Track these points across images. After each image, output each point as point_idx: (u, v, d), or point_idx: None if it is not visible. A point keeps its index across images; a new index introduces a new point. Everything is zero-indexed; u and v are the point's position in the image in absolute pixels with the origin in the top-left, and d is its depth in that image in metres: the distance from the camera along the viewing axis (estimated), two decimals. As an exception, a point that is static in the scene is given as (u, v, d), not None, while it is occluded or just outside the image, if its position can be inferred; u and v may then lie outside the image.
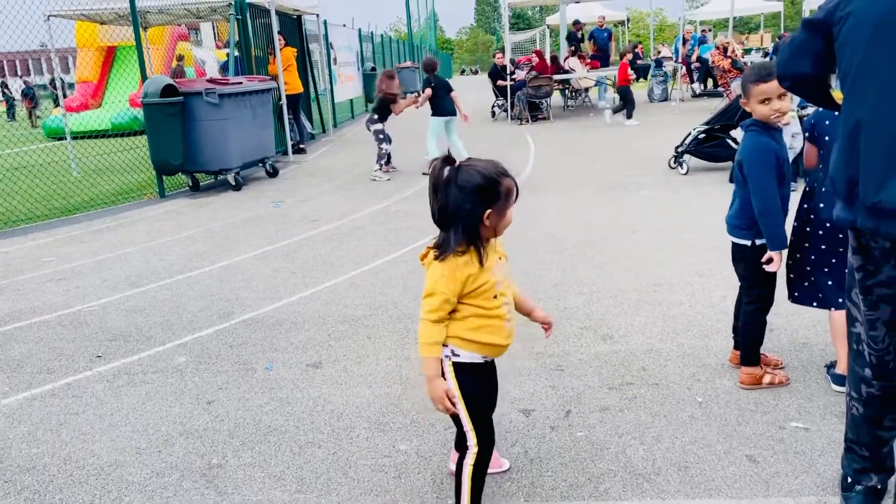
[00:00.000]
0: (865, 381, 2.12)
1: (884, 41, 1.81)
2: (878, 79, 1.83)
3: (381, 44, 23.75)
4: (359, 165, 10.48)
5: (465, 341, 2.09)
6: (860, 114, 1.86)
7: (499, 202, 2.00)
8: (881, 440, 2.16)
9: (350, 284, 4.96)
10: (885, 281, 1.97)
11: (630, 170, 8.61)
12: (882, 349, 2.06)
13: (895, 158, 1.78)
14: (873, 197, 1.83)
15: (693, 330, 3.80)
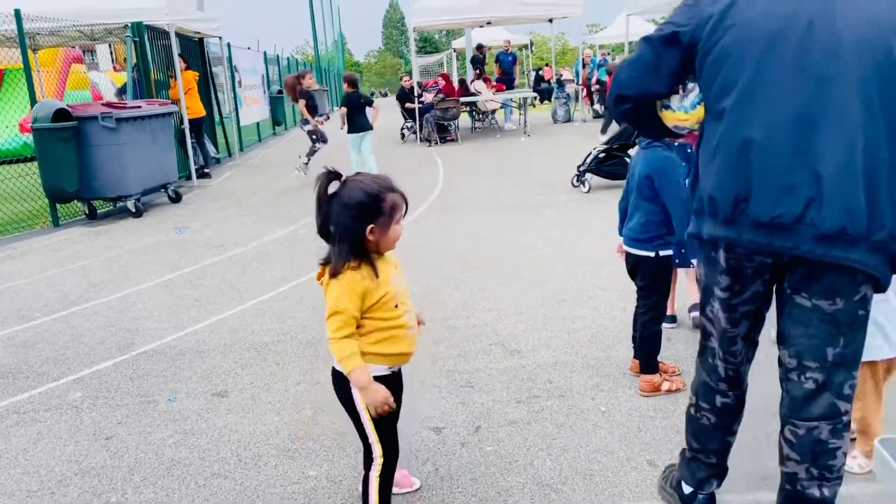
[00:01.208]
0: (720, 393, 2.17)
1: (777, 59, 1.78)
2: (771, 96, 1.79)
3: (288, 66, 23.52)
4: (265, 189, 10.31)
5: (370, 355, 2.10)
6: (750, 131, 1.82)
7: (382, 217, 2.04)
8: (728, 445, 2.24)
9: (257, 310, 4.86)
10: (749, 298, 2.00)
11: (535, 189, 8.85)
12: (739, 362, 2.12)
13: (791, 175, 1.77)
14: (771, 212, 1.80)
15: (596, 342, 3.94)
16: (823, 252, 1.78)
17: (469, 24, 18.12)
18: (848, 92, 1.73)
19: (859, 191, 1.73)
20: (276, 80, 20.41)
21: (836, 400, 1.93)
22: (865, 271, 1.81)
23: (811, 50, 1.75)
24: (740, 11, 1.85)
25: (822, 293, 1.86)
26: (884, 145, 1.74)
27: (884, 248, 1.79)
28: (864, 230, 1.75)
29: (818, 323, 1.89)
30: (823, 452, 1.95)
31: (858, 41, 1.72)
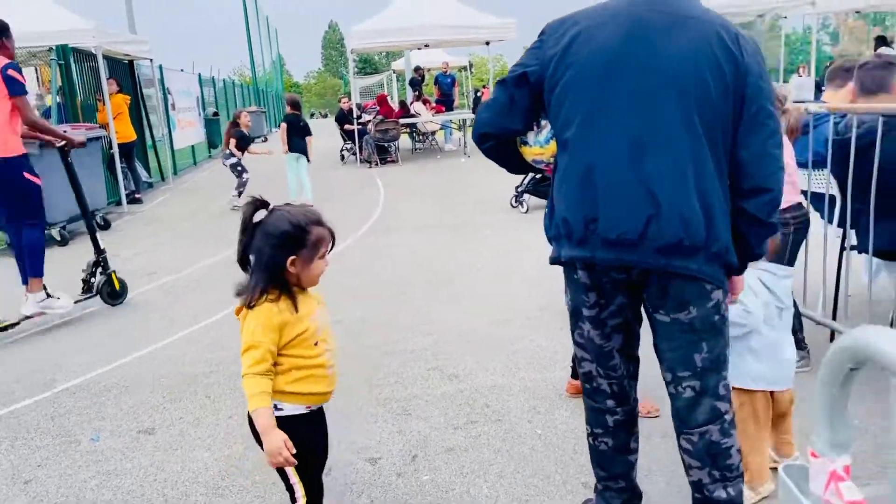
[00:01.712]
0: (609, 412, 2.25)
1: (610, 91, 1.95)
2: (608, 125, 1.95)
3: (224, 88, 23.20)
4: (200, 213, 10.08)
5: (287, 394, 2.03)
6: (592, 157, 1.97)
7: (304, 250, 1.99)
8: (631, 465, 2.32)
9: (189, 340, 4.71)
10: (616, 310, 2.11)
11: (475, 209, 8.91)
12: (620, 375, 2.21)
13: (631, 195, 1.92)
14: (616, 230, 1.94)
15: (534, 363, 3.95)
16: (666, 263, 1.93)
17: (407, 46, 18.24)
18: (673, 118, 1.90)
19: (694, 205, 1.90)
20: (211, 102, 20.10)
21: (715, 402, 2.06)
22: (710, 279, 1.96)
23: (639, 82, 1.93)
24: (577, 50, 2.01)
25: (675, 307, 2.00)
26: (709, 164, 1.91)
27: (719, 258, 1.96)
28: (703, 241, 1.91)
29: (680, 334, 2.03)
30: (719, 454, 2.07)
31: (678, 73, 1.90)
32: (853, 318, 3.77)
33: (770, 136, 1.91)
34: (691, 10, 1.96)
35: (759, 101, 1.90)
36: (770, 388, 2.47)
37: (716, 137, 1.91)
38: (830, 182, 3.88)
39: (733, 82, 1.89)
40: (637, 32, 1.95)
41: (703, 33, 1.92)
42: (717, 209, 1.92)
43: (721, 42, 1.90)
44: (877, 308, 4.08)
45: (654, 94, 1.92)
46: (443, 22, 14.85)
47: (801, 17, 16.69)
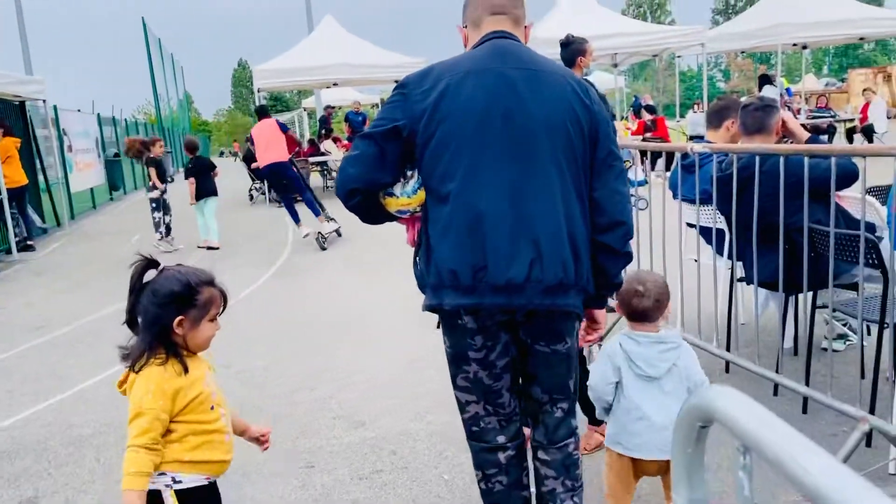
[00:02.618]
0: (500, 448, 2.29)
1: (487, 144, 2.04)
2: (489, 178, 2.03)
3: (127, 128, 22.45)
4: (98, 261, 9.62)
5: (186, 464, 1.91)
6: (477, 209, 2.02)
7: (193, 310, 1.92)
8: (527, 500, 2.35)
9: (78, 399, 4.44)
10: (502, 350, 2.18)
11: (388, 247, 8.85)
12: (510, 413, 2.29)
13: (515, 243, 2.02)
14: (505, 276, 2.01)
15: (441, 406, 3.91)
16: (551, 302, 2.07)
17: (316, 85, 18.23)
18: (545, 166, 2.05)
19: (567, 246, 2.06)
20: (112, 142, 19.38)
21: (571, 419, 2.30)
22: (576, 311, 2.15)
23: (512, 134, 2.04)
24: (448, 105, 2.06)
25: (555, 339, 2.17)
26: (576, 206, 2.09)
27: (585, 291, 2.14)
28: (574, 279, 2.08)
29: (558, 363, 2.20)
30: (572, 464, 2.28)
31: (545, 124, 2.04)
32: (744, 347, 3.93)
33: (618, 176, 2.13)
34: (545, 66, 2.13)
35: (608, 146, 2.12)
36: (628, 454, 2.39)
37: (579, 180, 2.10)
38: (718, 217, 4.07)
39: (588, 129, 2.09)
40: (503, 86, 2.06)
41: (561, 86, 2.10)
42: (583, 247, 2.11)
43: (575, 94, 2.10)
44: (766, 338, 4.28)
45: (527, 145, 2.05)
46: (351, 61, 14.92)
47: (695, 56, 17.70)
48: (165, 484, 1.91)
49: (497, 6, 2.19)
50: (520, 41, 2.19)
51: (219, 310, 1.98)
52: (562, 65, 2.24)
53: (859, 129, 17.46)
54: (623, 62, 17.07)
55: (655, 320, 2.37)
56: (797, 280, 3.27)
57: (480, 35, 2.19)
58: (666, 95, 53.64)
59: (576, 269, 2.08)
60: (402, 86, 2.16)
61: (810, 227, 3.20)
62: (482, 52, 2.14)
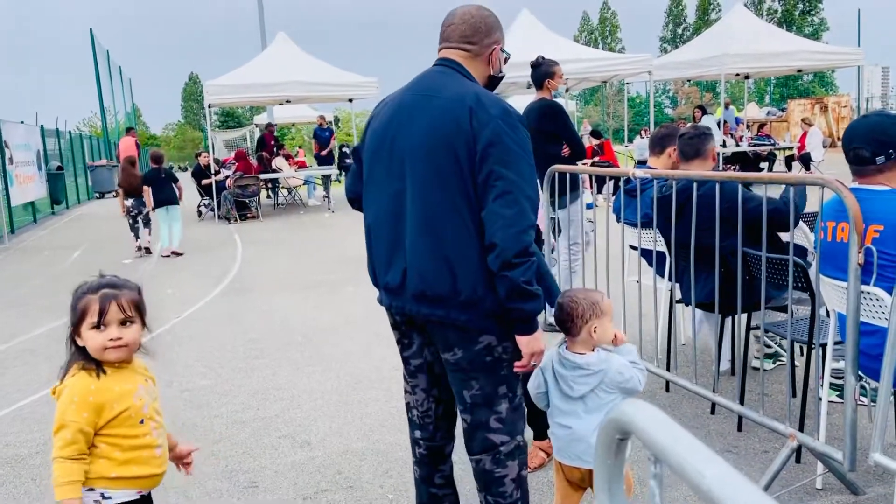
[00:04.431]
0: (416, 443, 2.48)
1: (377, 165, 2.31)
2: (376, 194, 2.32)
3: (71, 141, 21.89)
4: (36, 276, 9.34)
5: (113, 480, 1.89)
6: (369, 219, 2.36)
7: (79, 322, 1.90)
8: (436, 498, 2.48)
9: (14, 418, 4.30)
10: (416, 351, 2.39)
11: (338, 265, 8.84)
12: (423, 412, 2.44)
13: (391, 250, 2.26)
14: (384, 279, 2.30)
15: (387, 425, 3.92)
16: (417, 310, 2.22)
17: (268, 101, 18.13)
18: (415, 188, 2.19)
19: (430, 261, 2.16)
20: (55, 155, 18.88)
21: (487, 434, 2.28)
22: (464, 325, 2.19)
23: (393, 158, 2.26)
24: (369, 133, 2.38)
25: (443, 348, 2.26)
26: (453, 225, 2.15)
27: (476, 307, 2.17)
28: (445, 293, 2.16)
29: (451, 373, 2.29)
30: (492, 481, 2.29)
31: (417, 150, 2.20)
32: (683, 366, 4.05)
33: (498, 196, 2.09)
34: (440, 91, 2.23)
35: (489, 166, 2.10)
36: (556, 457, 2.45)
37: (457, 200, 2.15)
38: (658, 240, 4.20)
39: (465, 152, 2.13)
40: (395, 117, 2.29)
41: (441, 111, 2.18)
42: (462, 263, 2.15)
43: (454, 118, 2.15)
44: (705, 358, 4.42)
45: (401, 169, 2.23)
46: (304, 78, 14.90)
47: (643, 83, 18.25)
48: (94, 500, 1.88)
49: (445, 37, 2.36)
50: (456, 68, 2.30)
51: (94, 318, 1.88)
52: (468, 88, 2.22)
53: (797, 157, 18.20)
54: (574, 87, 17.44)
55: (575, 335, 2.33)
56: (732, 302, 3.40)
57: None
58: (615, 120, 54.95)
59: (451, 283, 2.15)
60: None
61: (744, 251, 3.34)
62: (411, 81, 2.37)
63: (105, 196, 22.43)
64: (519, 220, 2.08)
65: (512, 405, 2.30)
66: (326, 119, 20.01)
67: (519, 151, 2.14)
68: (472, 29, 2.31)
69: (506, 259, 2.07)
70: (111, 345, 1.89)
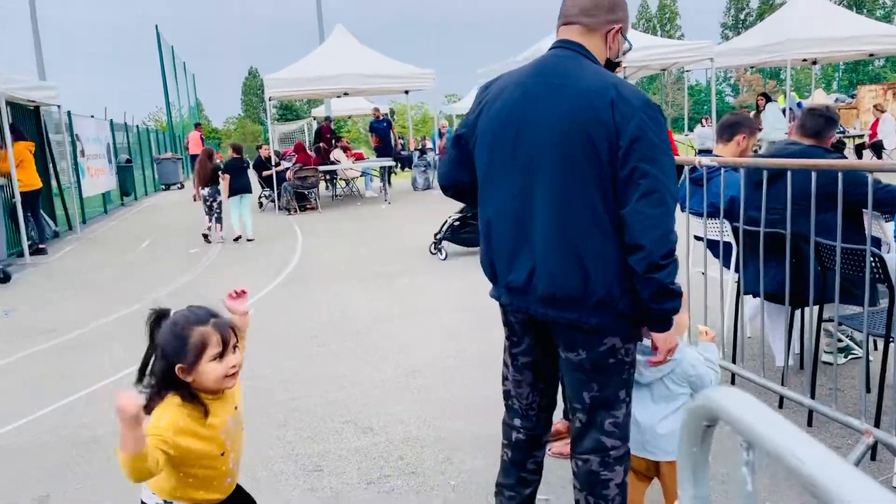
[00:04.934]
0: (515, 429, 2.47)
1: (499, 154, 2.21)
2: (497, 186, 2.23)
3: (138, 134, 22.62)
4: (108, 265, 9.70)
5: (177, 498, 1.93)
6: (488, 214, 2.27)
7: (186, 356, 1.85)
8: (524, 482, 2.48)
9: (90, 401, 4.49)
10: (526, 350, 2.36)
11: (394, 257, 8.92)
12: (527, 404, 2.44)
13: (515, 248, 2.18)
14: (506, 278, 2.23)
15: (448, 414, 3.95)
16: (545, 312, 2.16)
17: (326, 94, 18.35)
18: (545, 184, 2.10)
19: (562, 262, 2.08)
20: (124, 148, 19.55)
21: (600, 436, 2.23)
22: (597, 327, 2.12)
23: (519, 150, 2.16)
24: (482, 120, 2.28)
25: (566, 347, 2.21)
26: (587, 223, 2.06)
27: (608, 308, 2.09)
28: (578, 294, 2.08)
29: (571, 372, 2.23)
30: (596, 483, 2.24)
31: (554, 141, 2.09)
32: (750, 360, 3.95)
33: (644, 195, 1.98)
34: (572, 80, 2.11)
35: (633, 162, 1.99)
36: (635, 453, 2.42)
37: (592, 196, 2.05)
38: (725, 229, 4.10)
39: (606, 146, 2.01)
40: (519, 104, 2.17)
41: (577, 102, 2.06)
42: (595, 264, 2.06)
43: (593, 110, 2.03)
44: (772, 351, 4.30)
45: (529, 162, 2.13)
46: (362, 71, 15.02)
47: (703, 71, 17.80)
48: (155, 503, 1.95)
49: (565, 16, 2.24)
50: (580, 51, 2.18)
51: (219, 348, 1.88)
52: (605, 78, 2.10)
53: (868, 146, 17.47)
54: (632, 75, 17.12)
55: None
56: (802, 294, 3.30)
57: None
58: (674, 109, 53.65)
59: (583, 285, 2.07)
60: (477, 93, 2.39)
61: (817, 241, 3.23)
62: (528, 66, 2.24)
63: (170, 188, 23.10)
64: (665, 220, 2.00)
65: (627, 410, 2.25)
66: (381, 111, 20.15)
67: (662, 146, 2.03)
68: (593, 2, 2.19)
69: (653, 261, 1.99)
70: (231, 372, 1.89)
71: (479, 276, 2.46)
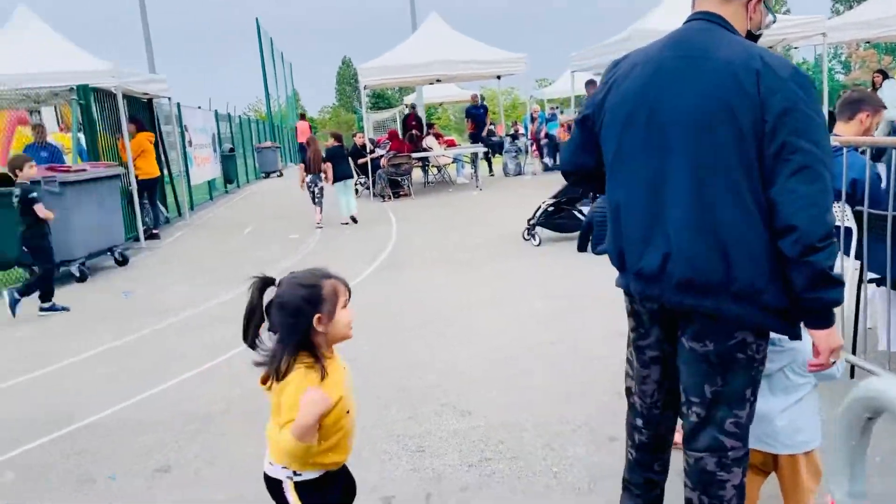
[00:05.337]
0: (637, 430, 2.37)
1: (630, 136, 2.11)
2: (628, 168, 2.13)
3: (240, 124, 23.54)
4: (214, 250, 10.17)
5: (307, 464, 1.97)
6: (618, 197, 2.17)
7: (324, 305, 1.95)
8: (651, 483, 2.39)
9: (203, 379, 4.72)
10: (654, 342, 2.23)
11: (487, 242, 8.92)
12: (651, 403, 2.32)
13: (648, 233, 2.07)
14: (637, 265, 2.12)
15: (547, 399, 3.92)
16: (680, 300, 2.04)
17: (418, 81, 18.45)
18: (681, 164, 1.99)
19: (701, 246, 1.96)
20: (227, 137, 20.38)
21: (718, 434, 2.10)
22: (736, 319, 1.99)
23: (649, 131, 2.06)
24: (610, 98, 2.18)
25: (693, 336, 2.08)
26: (729, 206, 1.93)
27: (749, 299, 1.95)
28: (716, 281, 1.96)
29: (694, 363, 2.10)
30: (711, 483, 2.12)
31: (689, 119, 1.98)
32: (872, 351, 3.72)
33: (795, 172, 1.84)
34: (711, 52, 1.99)
35: (782, 137, 1.86)
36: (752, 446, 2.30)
37: (736, 177, 1.91)
38: (847, 214, 3.86)
39: (750, 121, 1.88)
40: (653, 81, 2.07)
41: (717, 75, 1.94)
42: (739, 249, 1.93)
43: (735, 83, 1.90)
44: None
45: (664, 142, 2.03)
46: (454, 57, 15.04)
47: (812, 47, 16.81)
48: (287, 476, 1.99)
49: None
50: (719, 22, 2.06)
51: (346, 296, 2.01)
52: (749, 48, 1.95)
53: None
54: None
55: None
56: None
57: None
58: (779, 89, 50.66)
59: (724, 272, 1.94)
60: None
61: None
62: (661, 41, 2.14)
63: (270, 175, 23.94)
64: (822, 198, 1.84)
65: (751, 411, 2.11)
66: (479, 97, 20.12)
67: (815, 119, 1.88)
68: None
69: (809, 243, 1.83)
70: (353, 321, 2.01)
71: (574, 262, 2.40)
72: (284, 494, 2.00)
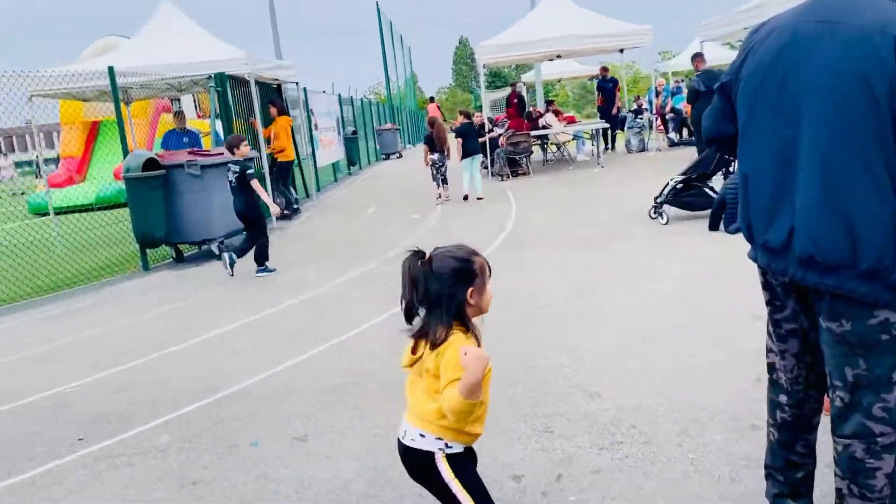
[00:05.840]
0: (780, 407, 2.30)
1: (761, 105, 2.06)
2: (757, 138, 2.09)
3: (362, 107, 24.16)
4: (340, 230, 10.53)
5: (460, 434, 2.02)
6: (747, 167, 2.14)
7: (476, 279, 2.04)
8: (794, 465, 2.30)
9: (335, 352, 4.92)
10: (790, 315, 2.17)
11: (610, 221, 8.70)
12: (793, 378, 2.25)
13: (774, 205, 2.03)
14: (762, 238, 2.10)
15: (680, 383, 3.78)
16: (803, 276, 1.99)
17: (538, 58, 18.22)
18: (810, 135, 1.93)
19: (826, 222, 1.90)
20: (350, 120, 20.98)
21: (865, 420, 2.00)
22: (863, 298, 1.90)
23: (780, 100, 2.01)
24: (746, 65, 2.14)
25: (828, 316, 2.00)
26: (860, 180, 1.86)
27: (878, 277, 1.88)
28: (842, 259, 1.89)
29: (833, 344, 2.02)
30: (860, 471, 2.03)
31: (823, 88, 1.90)
32: None
33: None
34: (850, 17, 1.90)
35: None
36: None
37: (868, 149, 1.85)
38: None
39: (887, 91, 1.81)
40: (787, 48, 2.00)
41: (851, 42, 1.87)
42: (867, 226, 1.87)
43: (871, 50, 1.82)
44: None
45: (795, 112, 1.97)
46: (575, 31, 14.71)
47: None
48: (439, 448, 2.04)
49: None
50: None
51: (489, 272, 2.09)
52: (888, 13, 1.85)
53: None
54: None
55: None
56: None
57: None
58: None
59: (850, 249, 1.87)
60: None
61: None
62: (801, 5, 2.06)
63: (390, 157, 24.48)
64: None
65: None
66: (582, 74, 19.61)
67: None
68: None
69: None
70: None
71: (705, 240, 2.29)
72: (436, 465, 2.04)
